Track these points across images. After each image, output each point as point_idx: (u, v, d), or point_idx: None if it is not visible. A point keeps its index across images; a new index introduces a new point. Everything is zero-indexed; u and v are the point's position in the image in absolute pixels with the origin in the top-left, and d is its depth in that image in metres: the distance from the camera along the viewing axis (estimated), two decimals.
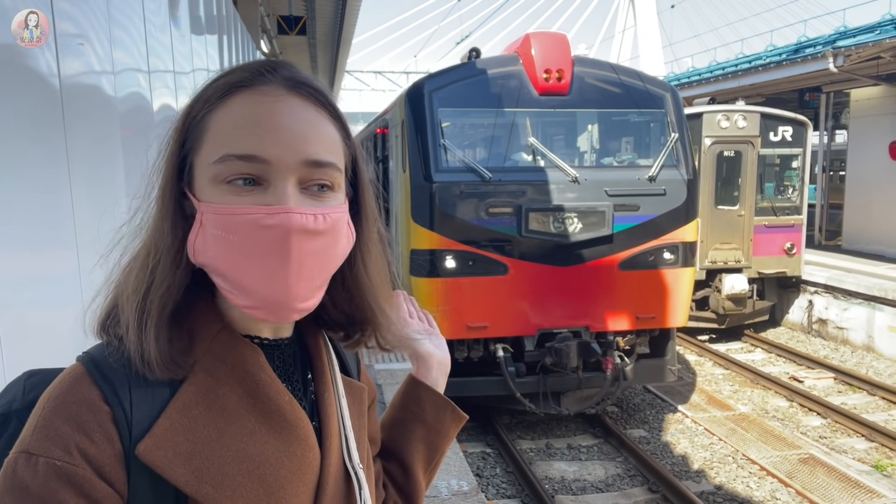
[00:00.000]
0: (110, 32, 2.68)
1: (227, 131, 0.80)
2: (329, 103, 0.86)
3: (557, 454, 7.39)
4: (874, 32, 12.32)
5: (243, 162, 0.78)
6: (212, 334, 0.86)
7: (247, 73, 0.83)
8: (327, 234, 0.82)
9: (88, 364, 0.83)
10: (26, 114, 1.96)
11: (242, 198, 0.79)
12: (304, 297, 0.83)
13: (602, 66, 7.92)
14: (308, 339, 0.98)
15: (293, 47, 15.73)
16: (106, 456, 0.77)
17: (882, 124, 14.42)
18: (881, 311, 10.77)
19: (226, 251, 0.80)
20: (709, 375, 10.18)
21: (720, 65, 19.14)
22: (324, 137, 0.83)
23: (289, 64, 0.88)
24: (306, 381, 0.96)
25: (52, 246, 2.13)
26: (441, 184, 6.92)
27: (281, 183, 0.79)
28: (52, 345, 2.00)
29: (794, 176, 12.10)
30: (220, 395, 0.84)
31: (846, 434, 7.90)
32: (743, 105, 12.07)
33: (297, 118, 0.81)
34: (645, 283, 7.36)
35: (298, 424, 0.88)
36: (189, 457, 0.80)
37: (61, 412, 0.78)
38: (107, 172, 2.67)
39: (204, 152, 0.81)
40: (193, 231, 0.82)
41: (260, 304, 0.81)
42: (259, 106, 0.80)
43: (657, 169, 7.30)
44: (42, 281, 2.07)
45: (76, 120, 2.27)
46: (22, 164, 1.92)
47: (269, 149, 0.78)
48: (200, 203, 0.81)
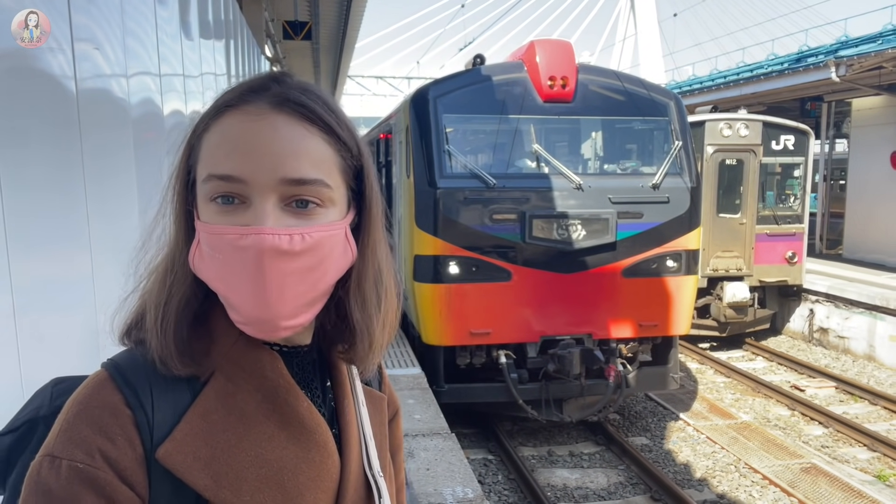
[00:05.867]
0: (123, 40, 2.69)
1: (212, 151, 0.81)
2: (319, 118, 0.84)
3: (559, 461, 7.38)
4: (876, 42, 12.34)
5: (223, 182, 0.79)
6: (231, 340, 0.87)
7: (237, 91, 0.84)
8: (308, 253, 0.81)
9: (112, 369, 0.84)
10: (43, 118, 1.97)
11: (225, 217, 0.80)
12: (290, 315, 0.82)
13: (606, 73, 7.94)
14: (326, 348, 0.98)
15: (297, 52, 15.77)
16: (127, 459, 0.78)
17: (884, 134, 14.45)
18: (882, 320, 10.78)
19: (216, 269, 0.82)
20: (710, 383, 10.18)
21: (721, 73, 19.18)
22: (308, 154, 0.81)
23: (286, 78, 0.87)
24: (325, 388, 0.96)
25: (67, 249, 2.14)
26: (445, 190, 6.93)
27: (259, 202, 0.79)
28: (68, 348, 2.00)
29: (795, 185, 12.12)
30: (239, 401, 0.85)
31: (848, 444, 7.89)
32: (745, 114, 12.10)
33: (276, 136, 0.80)
34: (648, 290, 7.36)
35: (317, 430, 0.88)
36: (208, 461, 0.81)
37: (84, 416, 0.79)
38: (120, 177, 2.67)
39: (198, 171, 0.83)
40: (193, 247, 0.84)
41: (247, 321, 0.83)
42: (240, 125, 0.80)
43: (661, 177, 7.31)
44: (56, 284, 2.07)
45: (91, 124, 2.27)
46: (39, 167, 1.93)
47: (245, 168, 0.79)
48: (198, 221, 0.83)
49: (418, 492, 4.27)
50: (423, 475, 4.52)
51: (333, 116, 0.86)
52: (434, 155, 6.99)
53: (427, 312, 7.12)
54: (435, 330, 7.13)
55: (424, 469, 4.61)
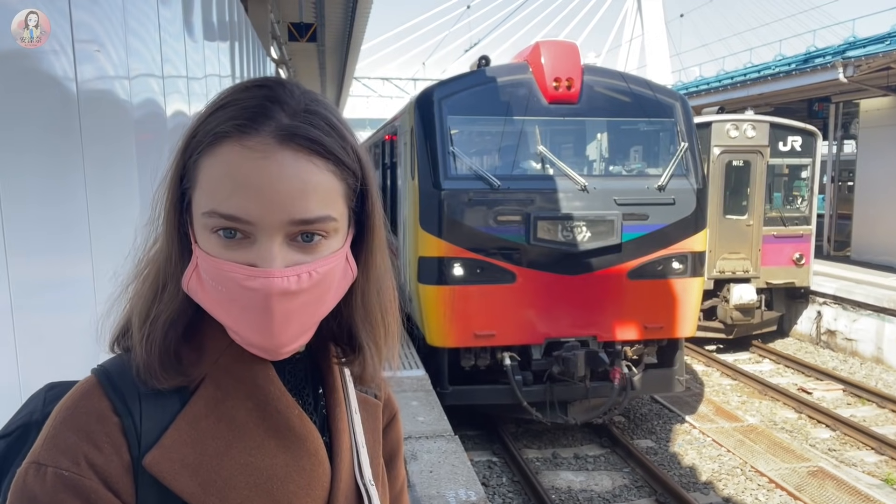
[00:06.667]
0: (126, 39, 2.69)
1: (214, 185, 0.78)
2: (327, 151, 0.79)
3: (564, 464, 7.35)
4: (884, 43, 12.27)
5: (228, 220, 0.77)
6: (221, 348, 0.86)
7: (236, 119, 0.78)
8: (313, 288, 0.80)
9: (101, 375, 0.84)
10: (43, 117, 1.97)
11: (229, 252, 0.78)
12: (292, 341, 0.82)
13: (612, 74, 7.92)
14: (320, 354, 0.97)
15: (302, 53, 15.80)
16: (114, 466, 0.77)
17: (892, 135, 14.35)
18: (891, 322, 10.70)
19: (216, 297, 0.80)
20: (716, 386, 10.13)
21: (728, 74, 19.11)
22: (316, 191, 0.78)
23: (286, 97, 0.80)
24: (317, 395, 0.95)
25: (67, 251, 2.13)
26: (450, 191, 6.92)
27: (266, 242, 0.77)
28: (67, 350, 2.00)
29: (803, 186, 12.06)
30: (229, 407, 0.84)
31: (855, 447, 7.84)
32: (752, 115, 12.04)
33: (284, 175, 0.76)
34: (653, 292, 7.33)
35: (308, 438, 0.87)
36: (196, 469, 0.80)
37: (71, 423, 0.79)
38: (121, 178, 2.67)
39: (196, 198, 0.80)
40: (189, 269, 0.82)
41: (250, 346, 0.82)
42: (245, 163, 0.76)
43: (667, 178, 7.28)
44: (56, 286, 2.07)
45: (92, 125, 2.27)
46: (39, 168, 1.92)
47: (252, 210, 0.76)
48: (196, 246, 0.81)
49: (421, 494, 4.26)
50: (426, 477, 4.51)
51: (339, 141, 0.81)
52: (439, 156, 6.98)
53: (431, 314, 7.11)
54: (439, 332, 7.12)
55: (427, 471, 4.60)
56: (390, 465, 1.09)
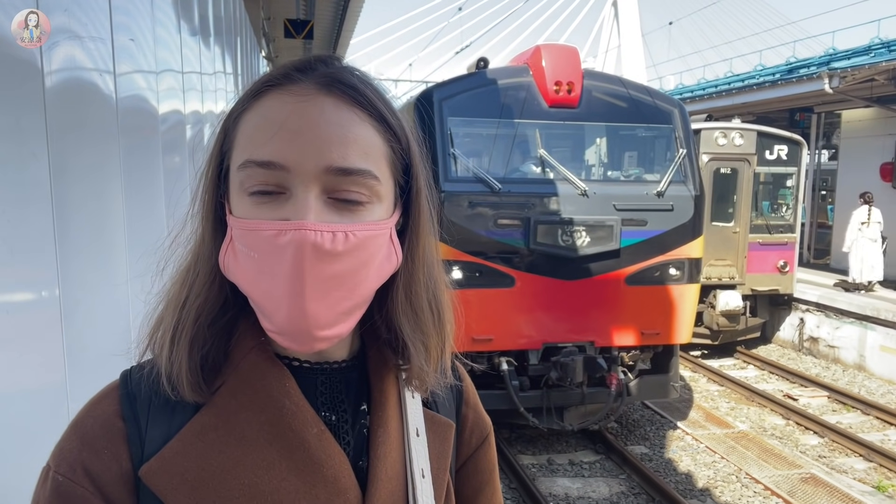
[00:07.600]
0: (154, 32, 2.58)
1: (250, 134, 0.73)
2: (370, 103, 0.76)
3: (560, 470, 7.32)
4: (869, 55, 12.49)
5: (262, 169, 0.71)
6: (243, 353, 0.78)
7: (281, 71, 0.77)
8: (351, 254, 0.72)
9: (123, 377, 0.81)
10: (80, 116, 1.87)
11: (262, 210, 0.72)
12: (327, 324, 0.73)
13: (611, 79, 7.93)
14: (371, 363, 0.87)
15: (288, 51, 15.62)
16: (111, 474, 0.73)
17: (873, 145, 14.62)
18: (873, 330, 10.87)
19: (249, 270, 0.73)
20: (704, 392, 10.19)
21: (712, 82, 19.33)
22: (357, 141, 0.73)
23: (334, 60, 0.79)
24: (359, 412, 0.84)
25: (103, 252, 2.03)
26: (450, 193, 6.85)
27: (302, 192, 0.71)
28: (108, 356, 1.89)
29: (788, 194, 12.21)
30: (241, 420, 0.76)
31: (844, 454, 7.92)
32: (739, 123, 12.17)
33: (324, 120, 0.72)
34: (651, 298, 7.33)
35: (326, 463, 0.77)
36: (196, 485, 0.73)
37: (78, 427, 0.76)
38: (148, 178, 2.56)
39: (233, 157, 0.75)
40: (224, 245, 0.76)
41: (281, 331, 0.73)
42: (283, 106, 0.72)
43: (665, 184, 7.29)
44: (93, 289, 1.96)
45: (123, 123, 2.17)
46: (78, 172, 1.82)
47: (287, 154, 0.71)
48: (231, 216, 0.75)
49: None
50: None
51: (384, 103, 0.78)
52: (439, 158, 6.90)
53: None
54: None
55: None
56: (476, 500, 0.97)
